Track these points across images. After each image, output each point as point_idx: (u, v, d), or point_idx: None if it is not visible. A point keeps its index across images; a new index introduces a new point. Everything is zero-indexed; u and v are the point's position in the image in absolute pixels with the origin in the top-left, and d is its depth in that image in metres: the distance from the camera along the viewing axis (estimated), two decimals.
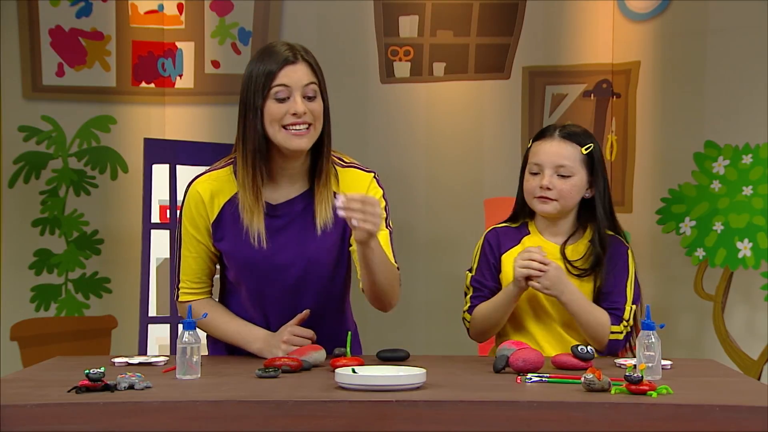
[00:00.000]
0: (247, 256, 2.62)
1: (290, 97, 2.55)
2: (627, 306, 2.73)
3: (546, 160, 2.75)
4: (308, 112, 2.55)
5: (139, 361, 2.51)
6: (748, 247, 4.32)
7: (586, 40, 4.71)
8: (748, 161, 4.35)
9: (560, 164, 2.74)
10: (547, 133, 2.80)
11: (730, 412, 1.94)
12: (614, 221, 2.83)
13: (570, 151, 2.75)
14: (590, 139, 2.79)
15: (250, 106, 2.57)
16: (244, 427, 1.93)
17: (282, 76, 2.55)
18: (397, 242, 2.78)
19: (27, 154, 4.58)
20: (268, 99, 2.55)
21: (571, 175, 2.74)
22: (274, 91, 2.54)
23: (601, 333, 2.68)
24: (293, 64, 2.56)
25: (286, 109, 2.55)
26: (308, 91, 2.56)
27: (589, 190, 2.78)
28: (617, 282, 2.75)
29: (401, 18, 4.73)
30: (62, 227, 4.61)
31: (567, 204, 2.76)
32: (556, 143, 2.76)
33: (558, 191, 2.73)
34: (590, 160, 2.77)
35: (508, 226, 2.86)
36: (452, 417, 1.94)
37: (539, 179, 2.75)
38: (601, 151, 2.83)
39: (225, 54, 4.71)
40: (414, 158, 4.67)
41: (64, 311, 4.61)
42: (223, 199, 2.64)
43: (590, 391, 2.08)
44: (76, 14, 4.63)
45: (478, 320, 2.78)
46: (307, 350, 2.47)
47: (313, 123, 2.57)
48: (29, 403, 1.96)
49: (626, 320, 2.72)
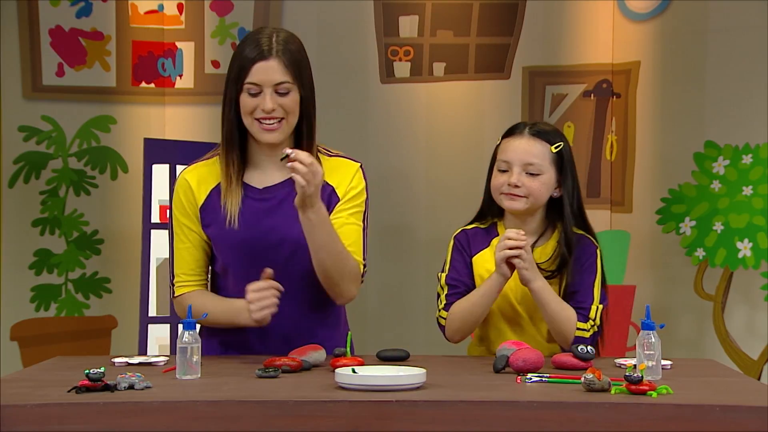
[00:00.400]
0: (234, 239, 2.62)
1: (261, 93, 2.57)
2: (594, 306, 2.68)
3: (515, 157, 2.71)
4: (278, 107, 2.58)
5: (139, 361, 2.51)
6: (748, 247, 4.32)
7: (586, 40, 4.71)
8: (748, 161, 4.35)
9: (529, 162, 2.70)
10: (517, 131, 2.76)
11: (730, 412, 1.94)
12: (584, 221, 2.78)
13: (539, 149, 2.72)
14: (560, 138, 2.76)
15: (227, 95, 2.63)
16: (244, 427, 1.93)
17: (253, 73, 2.58)
18: (397, 242, 2.78)
19: (27, 154, 4.58)
20: (242, 92, 2.60)
21: (539, 173, 2.70)
22: (246, 86, 2.59)
23: (567, 327, 2.64)
24: (266, 60, 2.58)
25: (257, 103, 2.59)
26: (280, 89, 2.59)
27: (557, 189, 2.74)
28: (584, 281, 2.70)
29: (401, 18, 4.73)
30: (62, 227, 4.61)
31: (536, 202, 2.72)
32: (526, 141, 2.73)
33: (526, 189, 2.69)
34: (559, 159, 2.73)
35: (477, 227, 2.82)
36: (452, 417, 1.94)
37: (507, 176, 2.71)
38: (571, 151, 2.79)
39: (225, 54, 4.70)
40: (414, 158, 4.67)
41: (64, 311, 4.61)
42: (210, 185, 2.68)
43: (590, 391, 2.08)
44: (76, 14, 4.63)
45: (457, 317, 2.71)
46: (307, 350, 2.47)
47: (285, 117, 2.60)
48: (29, 403, 1.96)
49: (593, 319, 2.66)
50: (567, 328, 2.64)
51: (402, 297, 4.65)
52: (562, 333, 2.64)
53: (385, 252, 4.51)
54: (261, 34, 2.63)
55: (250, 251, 2.64)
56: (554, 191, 2.74)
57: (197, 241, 2.69)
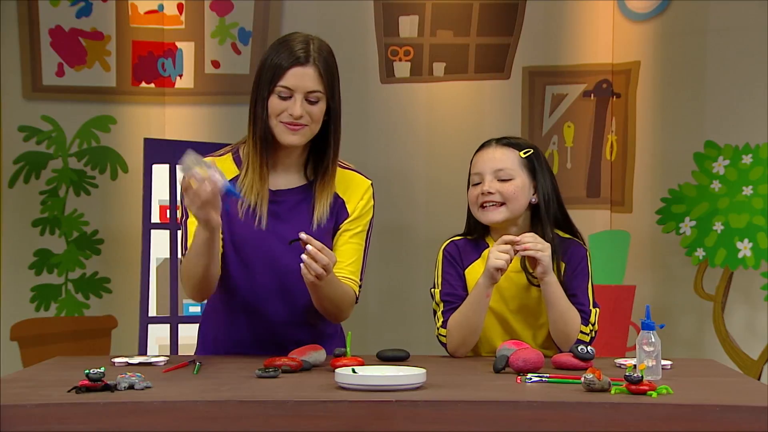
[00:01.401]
0: (244, 236, 2.61)
1: (292, 97, 2.57)
2: (591, 308, 2.68)
3: (484, 167, 2.72)
4: (306, 114, 2.58)
5: (139, 361, 2.50)
6: (748, 247, 4.32)
7: (586, 40, 4.71)
8: (748, 161, 4.35)
9: (498, 168, 2.70)
10: (486, 145, 2.78)
11: (730, 412, 1.94)
12: (569, 224, 2.76)
13: (507, 155, 2.72)
14: (531, 147, 2.76)
15: (259, 95, 2.61)
16: (244, 427, 1.93)
17: (288, 77, 2.58)
18: (397, 242, 2.78)
19: (27, 154, 4.58)
20: (273, 93, 2.59)
21: (511, 178, 2.69)
22: (278, 89, 2.58)
23: (572, 328, 2.62)
24: (303, 66, 2.59)
25: (286, 107, 2.58)
26: (311, 97, 2.59)
27: (534, 195, 2.72)
28: (579, 285, 2.68)
29: (401, 18, 4.73)
30: (62, 227, 4.61)
31: (514, 207, 2.70)
32: (492, 150, 2.74)
33: (500, 195, 2.68)
34: (530, 164, 2.72)
35: (466, 238, 2.80)
36: (452, 417, 1.94)
37: (480, 187, 2.71)
38: (544, 157, 2.77)
39: (225, 54, 4.71)
40: (414, 158, 4.67)
41: (64, 311, 4.61)
42: None
43: (590, 391, 2.08)
44: (76, 14, 4.63)
45: (455, 329, 2.67)
46: (307, 350, 2.47)
47: (309, 124, 2.60)
48: (29, 403, 1.96)
49: (593, 324, 2.66)
50: (572, 329, 2.62)
51: (402, 297, 4.65)
52: (566, 333, 2.62)
53: (385, 252, 4.51)
54: (296, 39, 2.63)
55: (252, 251, 2.63)
56: (532, 197, 2.72)
57: None
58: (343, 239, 2.66)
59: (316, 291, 2.54)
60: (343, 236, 2.67)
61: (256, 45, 4.70)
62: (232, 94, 4.70)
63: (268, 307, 2.65)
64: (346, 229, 2.68)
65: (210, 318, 2.78)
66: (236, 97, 4.67)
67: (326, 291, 2.55)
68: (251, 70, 4.72)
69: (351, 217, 2.68)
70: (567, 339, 2.63)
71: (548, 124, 4.74)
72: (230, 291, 2.67)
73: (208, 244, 2.47)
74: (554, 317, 2.64)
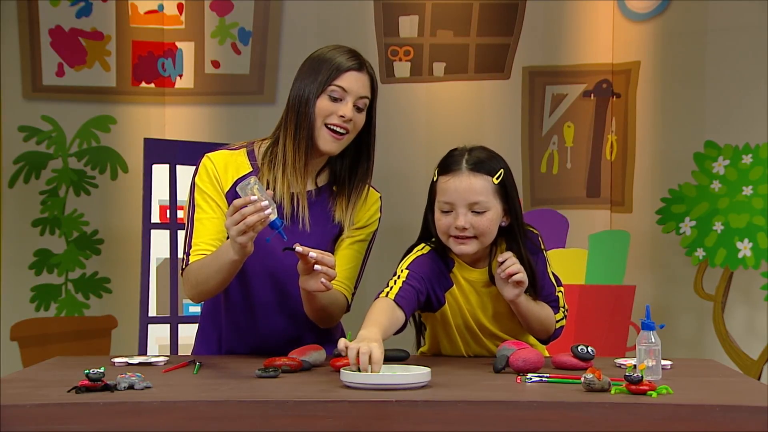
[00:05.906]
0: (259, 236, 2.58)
1: (343, 100, 2.57)
2: (558, 293, 2.67)
3: (457, 198, 2.56)
4: (352, 120, 2.58)
5: (139, 361, 2.50)
6: (748, 247, 4.32)
7: (586, 40, 4.71)
8: (748, 161, 4.35)
9: (473, 201, 2.54)
10: (454, 167, 2.59)
11: (730, 412, 1.94)
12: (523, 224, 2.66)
13: (482, 185, 2.55)
14: (499, 163, 2.60)
15: (308, 94, 2.60)
16: (244, 427, 1.93)
17: (345, 78, 2.60)
18: (397, 242, 2.78)
19: (27, 154, 4.58)
20: (324, 93, 2.59)
21: (486, 210, 2.55)
22: (332, 89, 2.59)
23: (549, 324, 2.62)
24: (359, 72, 2.61)
25: (336, 109, 2.58)
26: (360, 103, 2.61)
27: (504, 219, 2.60)
28: (541, 273, 2.64)
29: (401, 18, 4.73)
30: (62, 227, 4.61)
31: (486, 240, 2.58)
32: (465, 178, 2.56)
33: (474, 229, 2.55)
34: (503, 189, 2.58)
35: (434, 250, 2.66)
36: (452, 417, 1.94)
37: (453, 218, 2.56)
38: (510, 171, 2.62)
39: (225, 54, 4.72)
40: (414, 158, 4.67)
41: (64, 311, 4.61)
42: (235, 174, 2.63)
43: (590, 391, 2.08)
44: (76, 14, 4.63)
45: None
46: (307, 350, 2.47)
47: (351, 131, 2.62)
48: (29, 403, 1.96)
49: (563, 306, 2.65)
50: (549, 325, 2.64)
51: None
52: (546, 331, 2.65)
53: (385, 252, 4.50)
54: (345, 48, 2.65)
55: (261, 251, 2.58)
56: (502, 221, 2.60)
57: (221, 213, 2.60)
58: (344, 245, 2.67)
59: (313, 301, 2.54)
60: (345, 242, 2.67)
61: (256, 45, 4.71)
62: (232, 94, 4.70)
63: (268, 311, 2.65)
64: (348, 236, 2.68)
65: (210, 318, 2.77)
66: (236, 97, 4.68)
67: (324, 301, 2.56)
68: (251, 70, 4.72)
69: (355, 225, 2.69)
70: (547, 334, 2.66)
71: (548, 124, 4.74)
72: (229, 291, 2.67)
73: (234, 266, 2.46)
74: (532, 325, 2.63)
